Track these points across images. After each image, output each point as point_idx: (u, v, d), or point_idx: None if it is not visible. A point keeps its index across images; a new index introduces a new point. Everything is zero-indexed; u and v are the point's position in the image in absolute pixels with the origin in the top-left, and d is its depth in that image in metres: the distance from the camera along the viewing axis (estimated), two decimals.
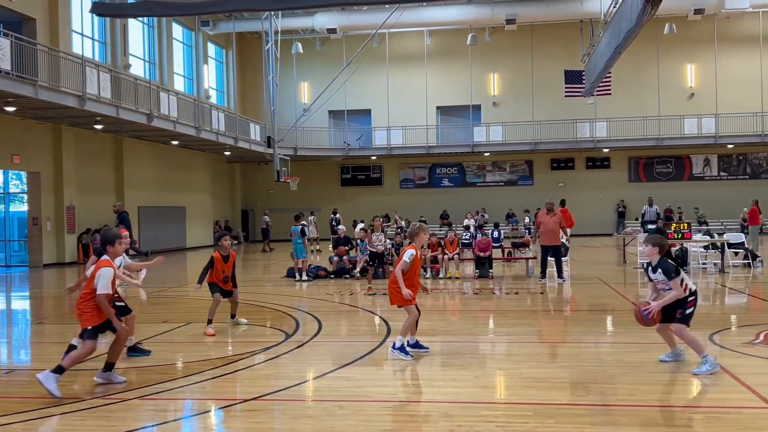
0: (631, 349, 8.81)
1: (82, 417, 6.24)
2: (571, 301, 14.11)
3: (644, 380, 7.08)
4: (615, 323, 11.26)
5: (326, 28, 36.58)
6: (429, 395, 6.79)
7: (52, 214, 25.50)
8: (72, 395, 6.95)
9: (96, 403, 6.70)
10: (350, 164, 42.46)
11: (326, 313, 12.38)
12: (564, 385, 7.08)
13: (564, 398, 6.60)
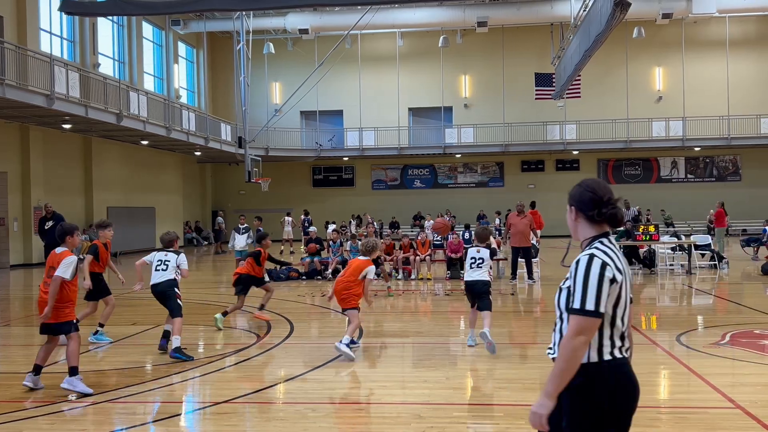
0: None
1: (51, 421, 6.17)
2: (542, 302, 14.23)
3: None
4: None
5: (298, 29, 36.47)
6: (401, 397, 6.82)
7: (19, 214, 25.11)
8: (41, 399, 6.86)
9: (65, 407, 6.63)
10: (322, 165, 42.38)
11: (298, 315, 12.36)
12: (535, 385, 7.15)
13: (535, 399, 6.66)
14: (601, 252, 3.01)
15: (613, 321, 3.00)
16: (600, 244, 3.06)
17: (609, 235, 3.13)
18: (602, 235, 3.10)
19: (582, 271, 2.97)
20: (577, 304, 2.92)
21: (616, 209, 3.10)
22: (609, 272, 2.95)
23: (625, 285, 3.03)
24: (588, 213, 3.11)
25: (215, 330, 10.91)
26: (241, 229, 18.33)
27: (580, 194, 3.14)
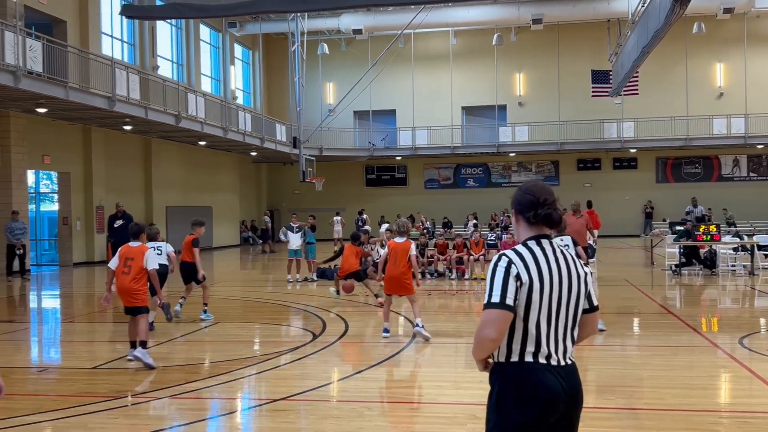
0: (658, 352, 8.76)
1: (114, 415, 6.34)
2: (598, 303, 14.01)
3: (672, 384, 7.04)
4: (642, 326, 11.19)
5: (352, 29, 36.64)
6: (455, 397, 6.81)
7: (82, 213, 25.85)
8: (104, 394, 7.07)
9: (127, 402, 6.81)
10: (375, 164, 42.50)
11: (352, 314, 12.43)
12: (590, 388, 7.05)
13: (590, 401, 6.56)
14: (514, 252, 3.04)
15: (525, 323, 2.99)
16: (524, 244, 3.09)
17: (547, 237, 3.12)
18: (538, 236, 3.10)
19: (491, 268, 3.05)
20: (485, 299, 2.98)
21: (551, 210, 3.10)
22: (514, 270, 2.98)
23: (547, 288, 3.00)
24: (525, 215, 3.14)
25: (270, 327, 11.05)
26: (294, 228, 18.48)
27: (520, 197, 3.18)
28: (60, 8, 23.76)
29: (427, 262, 18.80)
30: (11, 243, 20.52)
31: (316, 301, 14.18)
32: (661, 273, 18.79)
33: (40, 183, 27.29)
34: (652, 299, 13.80)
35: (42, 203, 27.51)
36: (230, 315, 12.74)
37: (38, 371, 8.69)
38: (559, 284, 3.02)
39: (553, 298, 3.01)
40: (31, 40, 19.08)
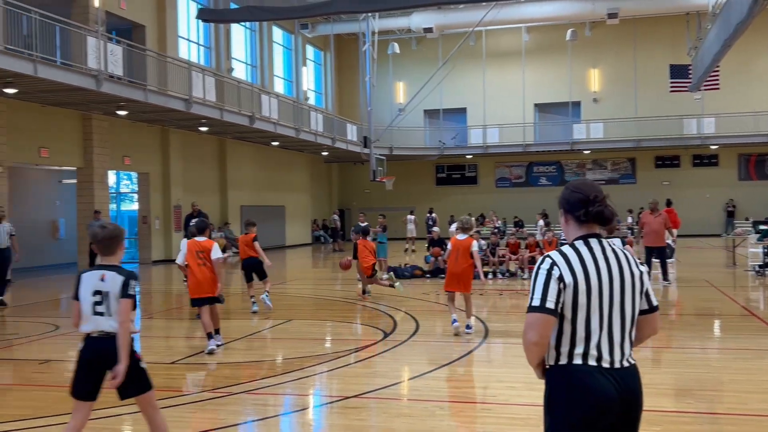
0: (742, 355, 8.43)
1: (191, 409, 6.50)
2: (677, 304, 13.62)
3: (757, 388, 6.77)
4: (724, 328, 10.81)
5: (422, 28, 36.60)
6: (529, 398, 6.70)
7: (161, 212, 26.63)
8: (182, 388, 7.25)
9: (205, 396, 6.97)
10: (445, 163, 42.34)
11: (422, 313, 12.40)
12: (668, 391, 6.86)
13: (669, 405, 6.39)
14: (559, 253, 2.99)
15: (573, 325, 2.94)
16: (571, 245, 3.03)
17: (596, 236, 3.05)
18: (587, 236, 3.04)
19: (534, 270, 3.01)
20: (528, 302, 2.96)
21: (603, 207, 3.02)
22: (556, 272, 2.94)
23: (595, 289, 2.94)
24: (575, 214, 3.07)
25: (341, 325, 11.12)
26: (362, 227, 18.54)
27: (568, 195, 3.12)
28: (139, 13, 24.52)
29: (498, 261, 18.62)
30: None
31: (387, 299, 14.21)
32: (744, 274, 18.09)
33: (120, 183, 28.23)
34: (734, 301, 13.30)
35: (122, 203, 28.47)
36: (302, 312, 12.90)
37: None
38: (609, 284, 2.95)
39: (604, 298, 2.94)
40: (112, 44, 19.74)
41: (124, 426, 6.22)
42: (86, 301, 4.52)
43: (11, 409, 6.55)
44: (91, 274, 4.59)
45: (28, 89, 18.00)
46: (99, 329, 4.52)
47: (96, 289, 4.50)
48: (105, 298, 4.49)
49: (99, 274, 4.54)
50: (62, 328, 11.25)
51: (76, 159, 22.39)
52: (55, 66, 17.45)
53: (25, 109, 19.85)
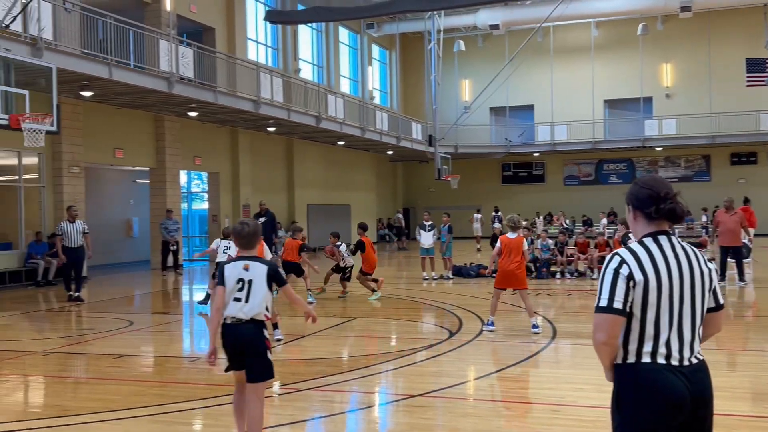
0: None
1: None
2: (754, 305, 13.13)
3: None
4: None
5: (489, 25, 36.29)
6: (598, 400, 6.56)
7: (230, 211, 27.14)
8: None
9: (272, 392, 7.05)
10: (512, 161, 41.89)
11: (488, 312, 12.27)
12: (746, 395, 6.61)
13: (746, 409, 6.16)
14: (628, 250, 2.96)
15: (642, 323, 2.91)
16: (640, 242, 2.99)
17: (666, 233, 2.99)
18: (656, 233, 2.99)
19: (603, 268, 2.99)
20: (596, 302, 2.94)
21: (674, 205, 2.95)
22: (625, 270, 2.91)
23: (665, 287, 2.90)
24: (646, 211, 3.02)
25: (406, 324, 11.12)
26: (426, 226, 18.46)
27: (637, 192, 3.06)
28: (209, 16, 25.04)
29: (566, 261, 18.31)
30: (166, 240, 21.86)
31: (452, 298, 14.15)
32: None
33: (191, 183, 28.90)
34: None
35: (193, 202, 29.13)
36: (367, 311, 12.95)
37: (190, 361, 9.18)
38: (680, 282, 2.92)
39: (674, 296, 2.91)
40: (183, 47, 20.21)
41: (194, 420, 6.35)
42: (230, 289, 4.90)
43: (86, 402, 6.77)
44: (234, 264, 4.98)
45: (103, 92, 18.60)
46: (233, 315, 4.88)
47: (239, 278, 4.88)
48: (247, 286, 4.87)
49: (242, 264, 4.94)
50: (136, 324, 11.58)
51: (149, 159, 23.02)
52: (128, 69, 17.97)
53: (100, 112, 20.52)
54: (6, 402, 7.13)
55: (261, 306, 4.89)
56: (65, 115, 17.77)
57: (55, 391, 7.44)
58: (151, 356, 9.52)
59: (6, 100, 10.81)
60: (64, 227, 14.85)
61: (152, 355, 9.63)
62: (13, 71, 11.01)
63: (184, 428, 6.00)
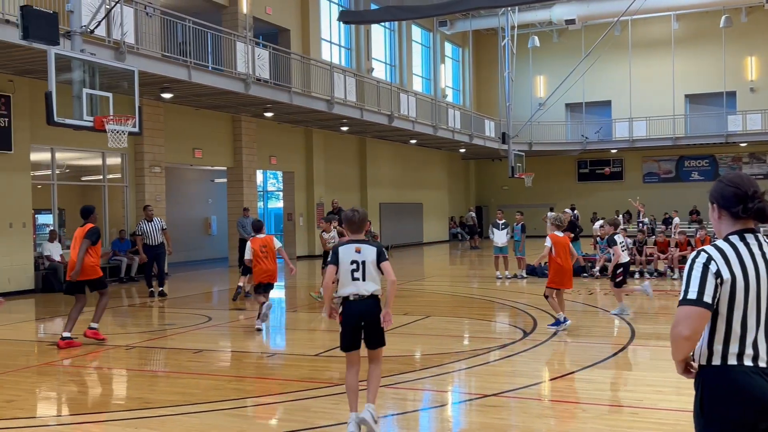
0: None
1: (334, 401, 6.65)
2: None
3: None
4: None
5: (564, 20, 35.62)
6: (678, 403, 6.37)
7: (304, 210, 27.53)
8: (325, 380, 7.44)
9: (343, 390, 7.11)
10: (588, 158, 41.06)
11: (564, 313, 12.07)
12: None
13: None
14: (715, 248, 2.89)
15: (728, 323, 2.82)
16: (726, 239, 2.92)
17: (753, 232, 2.92)
18: (742, 231, 2.91)
19: (688, 264, 2.91)
20: (681, 296, 2.85)
21: (764, 203, 2.84)
22: (713, 266, 2.82)
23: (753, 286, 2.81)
24: (732, 210, 2.93)
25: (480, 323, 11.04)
26: (499, 224, 18.27)
27: (722, 189, 2.97)
28: (284, 18, 25.43)
29: (645, 260, 17.84)
30: (243, 237, 22.29)
31: (526, 298, 13.97)
32: None
33: (267, 182, 29.43)
34: None
35: (269, 200, 29.66)
36: (440, 309, 12.92)
37: (267, 356, 9.34)
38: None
39: (762, 295, 2.82)
40: (259, 49, 20.59)
41: (270, 414, 6.46)
42: (345, 270, 5.43)
43: (166, 395, 6.98)
44: (347, 247, 5.49)
45: (182, 94, 19.12)
46: (355, 293, 5.42)
47: (353, 259, 5.39)
48: (360, 266, 5.40)
49: (354, 247, 5.46)
50: (214, 320, 11.86)
51: (227, 159, 23.55)
52: (207, 71, 18.42)
53: (180, 113, 21.11)
54: (90, 394, 7.42)
55: (376, 282, 5.42)
56: (147, 116, 18.36)
57: (136, 384, 7.70)
58: (228, 351, 9.74)
59: (91, 102, 11.21)
60: (142, 227, 15.40)
61: (230, 350, 9.86)
62: (97, 75, 11.41)
63: (260, 422, 6.12)
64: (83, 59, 11.19)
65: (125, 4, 15.17)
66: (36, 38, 10.52)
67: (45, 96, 10.42)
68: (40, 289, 16.65)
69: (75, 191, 20.64)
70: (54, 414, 6.83)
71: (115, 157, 19.79)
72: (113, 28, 14.79)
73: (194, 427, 5.90)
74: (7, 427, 6.00)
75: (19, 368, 8.43)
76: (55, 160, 18.17)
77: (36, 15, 10.43)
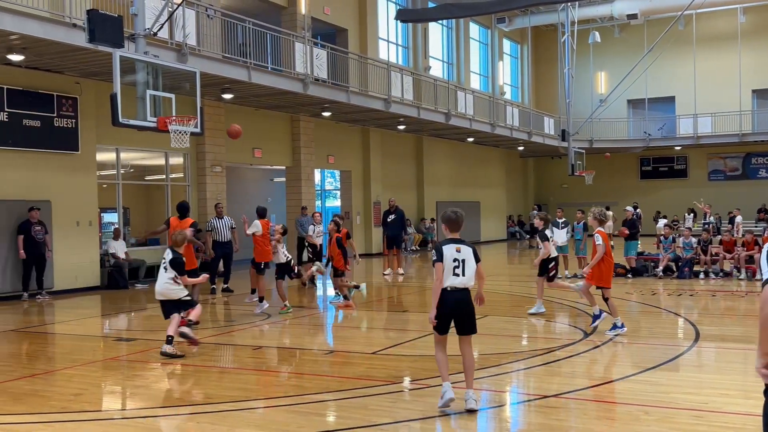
0: None
1: (391, 399, 6.66)
2: None
3: None
4: None
5: (626, 15, 34.95)
6: (745, 407, 6.17)
7: (361, 208, 27.65)
8: (382, 378, 7.46)
9: (403, 387, 7.12)
10: (651, 155, 40.17)
11: (625, 313, 11.84)
12: None
13: None
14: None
15: None
16: None
17: None
18: None
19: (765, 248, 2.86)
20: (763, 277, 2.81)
21: None
22: None
23: None
24: None
25: (539, 323, 10.90)
26: (559, 223, 17.97)
27: None
28: (342, 18, 25.58)
29: (710, 260, 17.36)
30: (301, 236, 22.52)
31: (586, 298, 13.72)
32: None
33: (325, 181, 29.65)
34: None
35: (327, 199, 29.88)
36: (498, 309, 12.81)
37: (324, 354, 9.42)
38: None
39: None
40: (318, 49, 20.75)
41: (329, 411, 6.50)
42: (448, 266, 6.07)
43: (227, 390, 7.09)
44: (449, 246, 6.14)
45: (242, 94, 19.41)
46: (454, 285, 6.09)
47: (454, 257, 6.07)
48: (461, 264, 6.09)
49: (455, 246, 6.13)
50: (273, 317, 12.00)
51: (286, 158, 23.82)
52: (266, 72, 18.66)
53: (240, 113, 21.42)
54: (155, 388, 7.60)
55: (472, 278, 6.16)
56: (208, 117, 18.70)
57: (199, 380, 7.85)
58: (287, 348, 9.85)
59: (154, 103, 11.47)
60: (213, 223, 15.77)
61: (289, 347, 9.96)
62: (160, 76, 11.66)
63: (318, 419, 6.16)
64: (147, 61, 11.46)
65: (187, 7, 15.48)
66: (102, 41, 10.81)
67: (110, 97, 10.70)
68: (106, 285, 17.12)
69: (139, 190, 21.19)
70: (119, 408, 7.02)
71: (177, 157, 20.22)
72: (175, 31, 15.11)
73: (255, 422, 5.98)
74: (75, 420, 6.19)
75: (85, 363, 8.69)
76: (120, 160, 18.66)
77: (101, 19, 10.72)
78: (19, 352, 9.85)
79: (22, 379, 7.72)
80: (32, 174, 15.69)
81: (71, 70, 15.79)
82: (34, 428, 5.92)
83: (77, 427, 6.01)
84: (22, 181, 15.49)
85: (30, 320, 12.71)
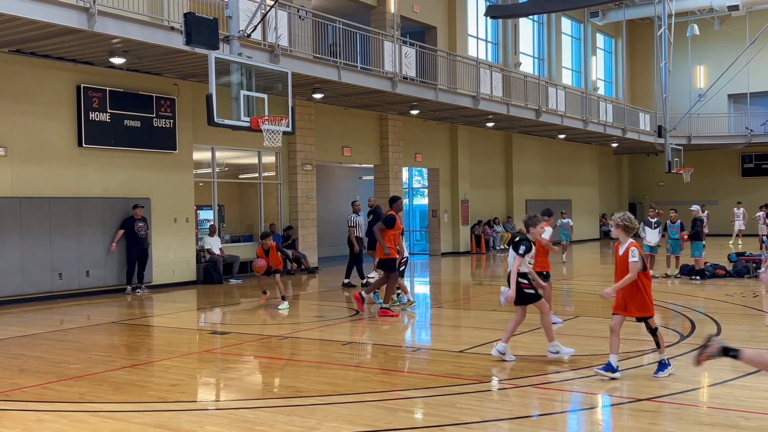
0: None
1: (479, 398, 6.61)
2: None
3: None
4: None
5: (727, 6, 33.46)
6: None
7: (449, 206, 27.56)
8: (470, 377, 7.42)
9: (491, 387, 7.06)
10: (753, 152, 38.36)
11: (725, 315, 11.36)
12: None
13: None
14: None
15: None
16: None
17: None
18: None
19: None
20: None
21: None
22: None
23: None
24: None
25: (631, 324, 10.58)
26: (652, 222, 17.38)
27: None
28: (432, 15, 25.55)
29: None
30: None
31: (682, 299, 13.27)
32: None
33: (412, 179, 29.70)
34: None
35: (414, 197, 29.92)
36: (589, 309, 12.53)
37: (412, 351, 9.44)
38: None
39: None
40: (406, 47, 20.80)
41: (416, 408, 6.51)
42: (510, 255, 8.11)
43: (315, 384, 7.20)
44: None
45: (332, 94, 19.67)
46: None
47: None
48: None
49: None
50: (361, 313, 12.11)
51: (374, 157, 24.00)
52: (356, 71, 18.84)
53: (329, 112, 21.73)
54: (247, 381, 7.80)
55: None
56: (299, 116, 19.07)
57: (289, 374, 8.01)
58: (375, 344, 9.92)
59: (248, 103, 11.77)
60: (356, 219, 16.00)
61: (376, 343, 10.03)
62: (254, 77, 11.96)
63: (406, 416, 6.18)
64: (241, 62, 11.77)
65: (280, 8, 15.80)
66: (198, 43, 11.17)
67: (206, 98, 11.05)
68: (201, 280, 17.69)
69: (233, 188, 21.80)
70: (213, 399, 7.24)
71: (269, 156, 20.69)
72: (268, 32, 15.45)
73: (342, 416, 6.06)
74: (171, 409, 6.42)
75: (182, 354, 9.01)
76: (216, 159, 19.24)
77: (198, 21, 11.08)
78: (120, 343, 10.31)
79: (122, 369, 8.07)
80: (133, 172, 16.38)
81: (169, 72, 16.39)
82: (133, 416, 6.18)
83: (174, 416, 6.23)
84: (125, 179, 16.19)
85: (131, 313, 13.28)
